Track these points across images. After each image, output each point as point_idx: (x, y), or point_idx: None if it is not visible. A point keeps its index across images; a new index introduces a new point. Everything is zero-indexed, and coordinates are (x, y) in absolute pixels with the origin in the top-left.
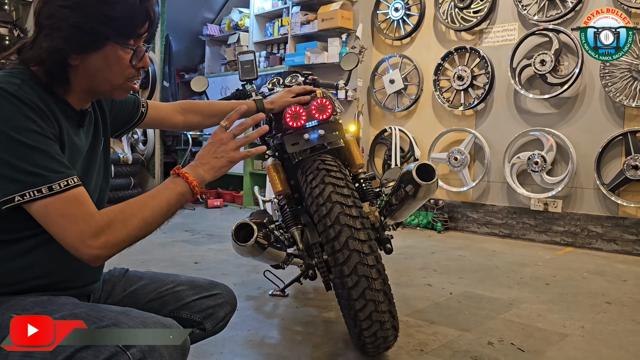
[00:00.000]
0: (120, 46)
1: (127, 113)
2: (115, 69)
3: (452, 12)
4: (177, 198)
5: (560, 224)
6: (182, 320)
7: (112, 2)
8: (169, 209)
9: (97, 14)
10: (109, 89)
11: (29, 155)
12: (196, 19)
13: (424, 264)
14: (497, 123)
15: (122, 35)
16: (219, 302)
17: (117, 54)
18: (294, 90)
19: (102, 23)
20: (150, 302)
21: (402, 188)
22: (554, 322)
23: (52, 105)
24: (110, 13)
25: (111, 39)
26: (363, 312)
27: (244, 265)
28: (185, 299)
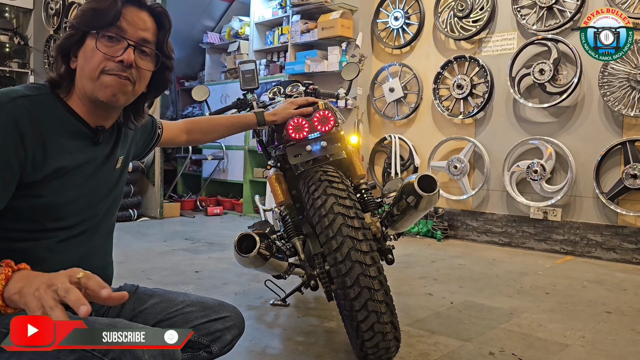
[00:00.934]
0: (92, 37)
1: (148, 134)
2: (92, 61)
3: (451, 21)
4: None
5: (559, 232)
6: (189, 342)
7: (89, 1)
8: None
9: (81, 15)
10: (91, 88)
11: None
12: (196, 27)
13: (424, 273)
14: (496, 132)
15: (97, 25)
16: (227, 326)
17: (92, 44)
18: (296, 101)
19: (80, 16)
20: (160, 322)
21: (404, 199)
22: (554, 332)
23: (57, 121)
24: (85, 6)
25: (86, 31)
26: (365, 323)
27: (244, 274)
28: (193, 321)
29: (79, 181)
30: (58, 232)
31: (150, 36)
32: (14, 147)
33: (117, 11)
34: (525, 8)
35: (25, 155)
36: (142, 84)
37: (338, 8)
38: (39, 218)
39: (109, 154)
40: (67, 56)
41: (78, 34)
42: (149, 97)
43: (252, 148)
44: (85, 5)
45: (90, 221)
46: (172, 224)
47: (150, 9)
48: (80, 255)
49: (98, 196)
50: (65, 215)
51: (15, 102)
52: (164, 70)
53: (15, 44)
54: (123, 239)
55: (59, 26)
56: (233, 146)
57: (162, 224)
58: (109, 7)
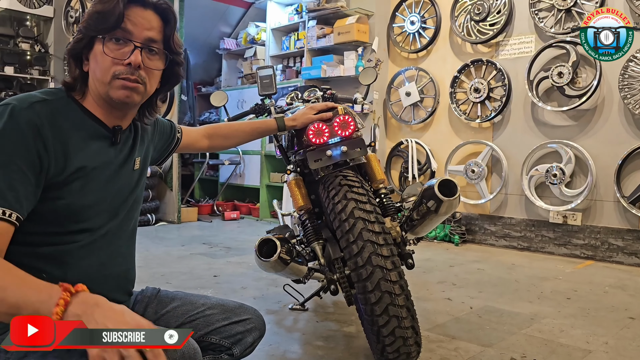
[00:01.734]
0: (99, 41)
1: (166, 137)
2: (102, 64)
3: (468, 25)
4: (31, 312)
5: (580, 236)
6: (211, 344)
7: (94, 2)
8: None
9: (87, 19)
10: (104, 90)
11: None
12: (213, 34)
13: (443, 278)
14: (514, 135)
15: (103, 29)
16: (248, 328)
17: (100, 48)
18: (315, 107)
19: (87, 20)
20: (181, 325)
21: (424, 203)
22: (577, 338)
23: (75, 124)
24: (91, 10)
25: (94, 35)
26: (386, 328)
27: (263, 278)
28: (215, 324)
29: (99, 182)
30: (80, 235)
31: (156, 34)
32: (37, 151)
33: (120, 13)
34: (543, 11)
35: (48, 158)
36: (153, 82)
37: (354, 13)
38: (60, 220)
39: (127, 155)
40: (79, 60)
41: (86, 38)
42: (162, 92)
43: (268, 153)
44: (90, 9)
45: (111, 223)
46: (190, 228)
47: (155, 7)
48: (103, 260)
49: (118, 198)
50: (87, 217)
51: (33, 108)
52: (173, 65)
53: (36, 51)
54: (142, 243)
55: None
56: (250, 151)
57: (180, 228)
58: (112, 10)
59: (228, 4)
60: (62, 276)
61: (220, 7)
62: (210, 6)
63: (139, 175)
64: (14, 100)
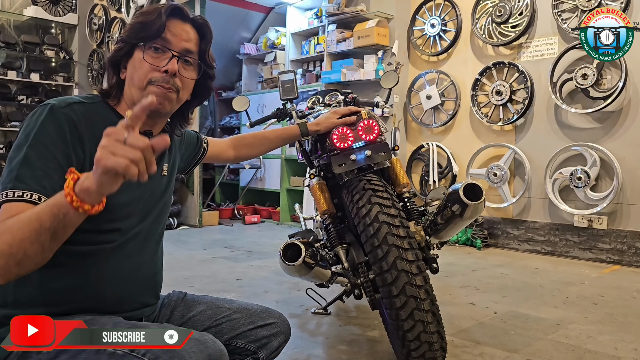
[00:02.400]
0: (139, 49)
1: (193, 148)
2: (140, 71)
3: (489, 27)
4: (48, 210)
5: (605, 241)
6: (237, 348)
7: (140, 13)
8: (38, 222)
9: (129, 29)
10: (138, 97)
11: (24, 160)
12: (233, 39)
13: (466, 282)
14: (537, 138)
15: (144, 38)
16: (274, 332)
17: (139, 56)
18: (339, 111)
19: (129, 29)
20: (208, 329)
21: (449, 207)
22: (604, 344)
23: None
24: (134, 20)
25: (135, 43)
26: (411, 332)
27: (285, 282)
28: (241, 328)
29: (130, 184)
30: (112, 235)
31: (192, 46)
32: (73, 146)
33: (162, 24)
34: (567, 12)
35: (83, 155)
36: (185, 92)
37: (374, 17)
38: (94, 217)
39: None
40: (118, 67)
41: (127, 47)
42: (193, 105)
43: (288, 157)
44: (133, 20)
45: (142, 225)
46: (211, 232)
47: (193, 21)
48: (134, 261)
49: (148, 202)
50: (120, 216)
51: (72, 107)
52: (206, 78)
53: (61, 58)
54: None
55: (102, 41)
56: (270, 155)
57: (202, 232)
58: (154, 21)
59: (248, 9)
60: (97, 275)
61: (241, 12)
62: (231, 12)
63: (167, 182)
64: (53, 100)
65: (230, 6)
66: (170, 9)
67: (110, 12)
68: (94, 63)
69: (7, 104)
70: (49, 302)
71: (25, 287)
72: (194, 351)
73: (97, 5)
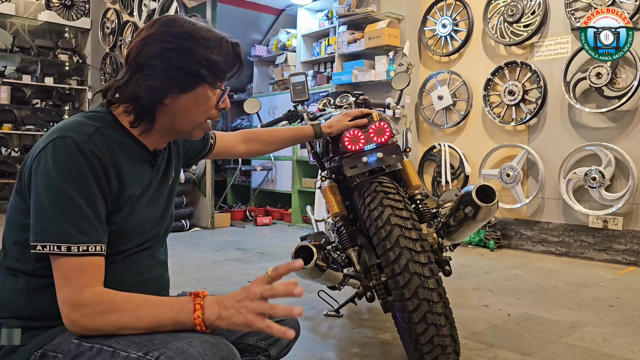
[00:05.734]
0: (210, 86)
1: (198, 145)
2: (202, 108)
3: (501, 27)
4: (172, 324)
5: (621, 242)
6: (248, 346)
7: (211, 47)
8: (157, 327)
9: (199, 57)
10: (189, 128)
11: (69, 210)
12: (244, 41)
13: (479, 284)
14: (551, 138)
15: (216, 76)
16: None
17: (207, 94)
18: (350, 113)
19: (202, 65)
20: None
21: (461, 209)
22: (621, 347)
23: (124, 150)
24: (209, 56)
25: (205, 80)
26: (424, 335)
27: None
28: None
29: (144, 205)
30: (124, 250)
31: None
32: (102, 182)
33: (237, 70)
34: (580, 10)
35: (110, 188)
36: None
37: (385, 17)
38: (109, 244)
39: (164, 173)
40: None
41: (198, 81)
42: None
43: (300, 158)
44: (207, 55)
45: (153, 240)
46: (223, 234)
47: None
48: (142, 267)
49: (160, 214)
50: (133, 236)
51: (92, 139)
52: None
53: (74, 62)
54: (177, 249)
55: (114, 44)
56: (281, 157)
57: (214, 234)
58: (232, 63)
59: (259, 11)
60: (108, 286)
61: (252, 14)
62: (242, 14)
63: (172, 187)
64: (70, 132)
65: (241, 8)
66: (239, 55)
67: (122, 16)
68: (107, 66)
69: (21, 107)
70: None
71: (38, 301)
72: (207, 354)
73: (109, 9)
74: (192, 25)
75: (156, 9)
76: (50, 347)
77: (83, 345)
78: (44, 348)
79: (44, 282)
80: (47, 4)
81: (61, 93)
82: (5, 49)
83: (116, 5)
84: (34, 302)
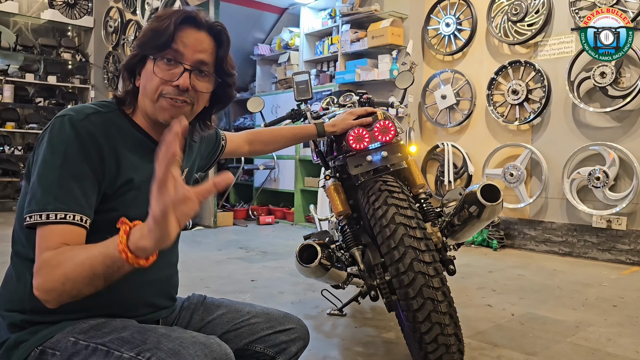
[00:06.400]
0: (151, 59)
1: (212, 145)
2: (150, 83)
3: (505, 26)
4: (102, 260)
5: (625, 242)
6: (255, 353)
7: (159, 19)
8: (92, 269)
9: (142, 36)
10: (151, 109)
11: (54, 182)
12: (247, 40)
13: (482, 284)
14: (554, 138)
15: (157, 48)
16: (292, 338)
17: (149, 67)
18: (355, 112)
19: (145, 38)
20: (227, 333)
21: (466, 209)
22: (625, 347)
23: (123, 136)
24: (148, 27)
25: (148, 53)
26: (429, 335)
27: (300, 283)
28: (260, 333)
29: (148, 195)
30: None
31: (207, 57)
32: (96, 159)
33: (171, 34)
34: (584, 10)
35: (103, 167)
36: (200, 104)
37: (388, 16)
38: (114, 231)
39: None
40: (133, 74)
41: (140, 54)
42: (214, 111)
43: (302, 157)
44: (146, 26)
45: None
46: (226, 232)
47: (209, 28)
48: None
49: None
50: None
51: (89, 119)
52: (224, 86)
53: (77, 61)
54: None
55: (117, 43)
56: (284, 156)
57: (216, 232)
58: (164, 29)
59: (262, 10)
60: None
61: (254, 13)
62: (245, 13)
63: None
64: (70, 111)
65: (244, 7)
66: (182, 17)
67: (125, 15)
68: (110, 65)
69: (25, 106)
70: (66, 310)
71: None
72: (198, 355)
73: (112, 7)
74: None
75: (159, 7)
76: (49, 344)
77: (79, 343)
78: (43, 345)
79: None
80: (50, 3)
81: (64, 92)
82: (9, 47)
83: (119, 4)
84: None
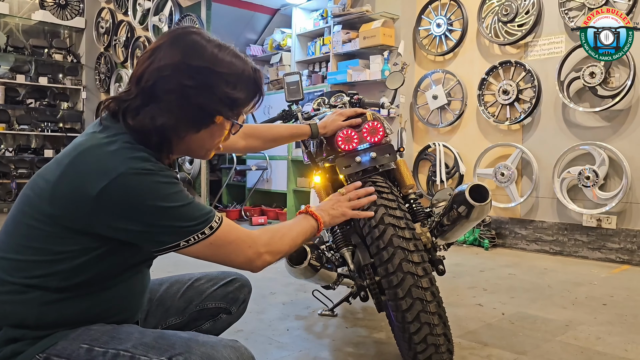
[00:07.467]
0: (228, 121)
1: None
2: (218, 138)
3: (495, 26)
4: (310, 230)
5: (615, 240)
6: (210, 310)
7: (233, 83)
8: (305, 236)
9: (220, 95)
10: (202, 154)
11: (184, 213)
12: (239, 40)
13: (473, 283)
14: (545, 137)
15: (237, 112)
16: (237, 286)
17: (223, 126)
18: (344, 113)
19: (223, 104)
20: (178, 301)
21: (455, 209)
22: (614, 346)
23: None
24: (231, 94)
25: (224, 116)
26: (418, 335)
27: (291, 284)
28: (207, 291)
29: None
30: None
31: None
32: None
33: (257, 103)
34: (574, 10)
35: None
36: None
37: (379, 17)
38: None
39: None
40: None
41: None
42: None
43: (295, 158)
44: (229, 91)
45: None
46: None
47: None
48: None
49: None
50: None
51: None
52: None
53: (69, 62)
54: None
55: (109, 44)
56: (277, 156)
57: None
58: (252, 99)
59: (254, 11)
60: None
61: (246, 14)
62: (237, 14)
63: None
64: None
65: (235, 8)
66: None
67: (117, 16)
68: (101, 66)
69: (16, 107)
70: (71, 322)
71: (48, 311)
72: (231, 357)
73: (104, 8)
74: (213, 56)
75: (151, 8)
76: (54, 351)
77: (95, 350)
78: (46, 352)
79: (59, 296)
80: (41, 4)
81: (55, 93)
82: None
83: (111, 5)
84: (43, 312)
